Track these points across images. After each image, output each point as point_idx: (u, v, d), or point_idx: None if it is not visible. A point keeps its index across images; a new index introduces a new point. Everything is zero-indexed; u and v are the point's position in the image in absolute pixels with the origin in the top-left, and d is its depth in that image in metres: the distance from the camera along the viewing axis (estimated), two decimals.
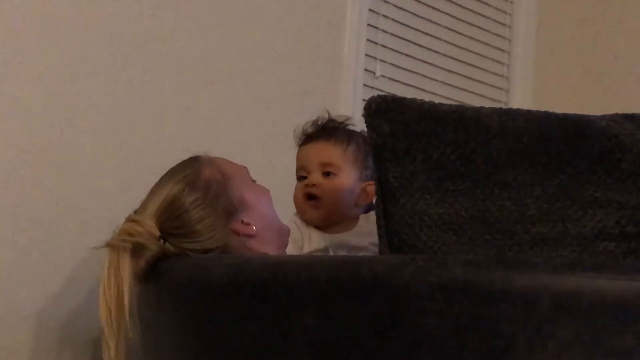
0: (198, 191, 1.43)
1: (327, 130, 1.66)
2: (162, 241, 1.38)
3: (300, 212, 1.65)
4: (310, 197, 1.62)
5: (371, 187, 1.63)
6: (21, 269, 1.65)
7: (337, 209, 1.63)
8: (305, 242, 1.62)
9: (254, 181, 1.55)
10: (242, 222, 1.46)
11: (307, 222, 1.64)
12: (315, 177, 1.62)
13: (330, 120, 1.68)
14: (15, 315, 1.64)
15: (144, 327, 1.43)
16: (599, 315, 1.04)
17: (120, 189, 1.77)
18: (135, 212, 1.46)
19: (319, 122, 1.68)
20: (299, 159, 1.67)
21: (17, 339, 1.64)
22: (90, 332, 1.69)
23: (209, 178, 1.45)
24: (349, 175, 1.63)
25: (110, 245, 1.37)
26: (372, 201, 1.65)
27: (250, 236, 1.46)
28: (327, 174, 1.62)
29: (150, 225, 1.38)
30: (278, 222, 1.55)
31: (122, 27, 1.83)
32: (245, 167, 1.55)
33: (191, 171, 1.45)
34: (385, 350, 1.10)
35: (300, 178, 1.65)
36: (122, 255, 1.35)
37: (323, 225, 1.64)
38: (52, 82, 1.71)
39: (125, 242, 1.35)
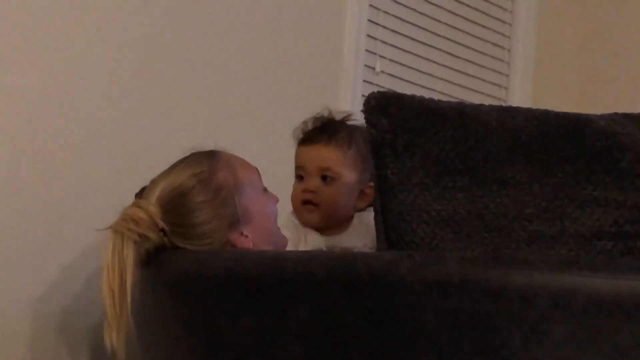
0: (208, 193, 1.42)
1: (327, 131, 1.63)
2: (162, 233, 1.38)
3: (297, 214, 1.63)
4: (307, 201, 1.61)
5: (370, 189, 1.60)
6: (20, 255, 1.65)
7: (333, 214, 1.62)
8: (301, 242, 1.62)
9: (265, 188, 1.54)
10: (241, 234, 1.45)
11: (304, 224, 1.63)
12: (313, 182, 1.60)
13: (331, 120, 1.66)
14: (14, 301, 1.64)
15: (140, 316, 1.43)
16: (595, 314, 1.05)
17: (119, 176, 1.77)
18: (141, 191, 1.45)
19: (319, 121, 1.66)
20: (297, 158, 1.65)
21: (16, 325, 1.64)
22: (89, 318, 1.69)
23: (222, 182, 1.44)
24: (347, 180, 1.61)
25: (115, 230, 1.37)
26: (371, 203, 1.64)
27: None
28: (324, 178, 1.61)
29: (155, 214, 1.37)
30: (277, 236, 1.54)
31: (121, 21, 1.82)
32: (257, 171, 1.53)
33: (207, 169, 1.44)
34: (381, 346, 1.10)
35: (299, 177, 1.64)
36: (126, 241, 1.35)
37: (319, 228, 1.63)
38: (50, 73, 1.71)
39: (131, 232, 1.35)
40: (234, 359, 1.23)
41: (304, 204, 1.61)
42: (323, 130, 1.64)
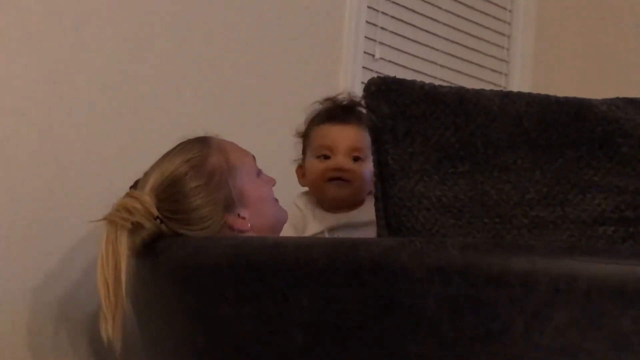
0: (201, 178, 1.42)
1: (356, 113, 1.64)
2: (158, 221, 1.38)
3: (319, 191, 1.63)
4: (336, 178, 1.60)
5: None
6: (18, 245, 1.65)
7: (361, 192, 1.62)
8: (308, 224, 1.62)
9: (260, 172, 1.54)
10: (238, 215, 1.45)
11: (329, 201, 1.62)
12: (346, 161, 1.60)
13: (356, 102, 1.66)
14: (12, 291, 1.64)
15: (141, 306, 1.43)
16: (597, 299, 1.04)
17: (117, 165, 1.77)
18: (136, 184, 1.46)
19: (344, 102, 1.66)
20: (323, 137, 1.63)
21: (14, 315, 1.64)
22: (87, 308, 1.69)
23: (214, 166, 1.44)
24: (371, 162, 1.62)
25: (109, 220, 1.37)
26: None
27: (243, 231, 1.46)
28: (355, 159, 1.61)
29: (148, 203, 1.37)
30: (275, 215, 1.54)
31: (121, 14, 1.82)
32: (252, 156, 1.54)
33: (198, 155, 1.45)
34: (382, 332, 1.10)
35: (322, 157, 1.62)
36: (120, 231, 1.35)
37: (340, 206, 1.63)
38: (46, 65, 1.71)
39: (125, 221, 1.35)
40: (235, 346, 1.23)
41: (331, 181, 1.61)
42: (352, 112, 1.65)
